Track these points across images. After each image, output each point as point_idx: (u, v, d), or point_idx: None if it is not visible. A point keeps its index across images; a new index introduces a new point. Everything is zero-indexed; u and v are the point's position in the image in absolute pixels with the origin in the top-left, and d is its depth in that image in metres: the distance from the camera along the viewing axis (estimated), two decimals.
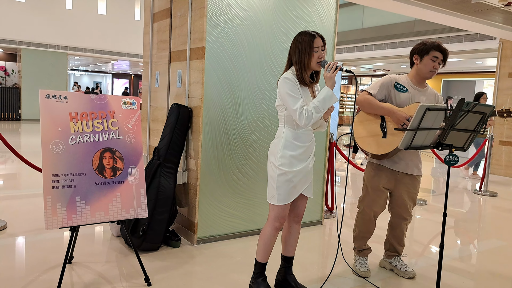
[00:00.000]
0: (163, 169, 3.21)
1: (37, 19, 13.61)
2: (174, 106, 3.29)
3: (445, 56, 2.66)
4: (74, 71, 27.82)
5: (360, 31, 11.85)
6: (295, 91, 2.23)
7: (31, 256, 2.93)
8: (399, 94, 2.69)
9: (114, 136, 2.53)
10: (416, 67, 2.72)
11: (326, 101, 2.21)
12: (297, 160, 2.30)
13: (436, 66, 2.65)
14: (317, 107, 2.20)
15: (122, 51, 15.30)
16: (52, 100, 2.36)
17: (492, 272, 3.09)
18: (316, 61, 2.27)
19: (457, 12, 5.95)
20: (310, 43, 2.24)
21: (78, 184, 2.38)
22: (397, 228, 2.88)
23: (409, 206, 2.82)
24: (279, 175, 2.29)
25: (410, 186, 2.79)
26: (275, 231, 2.37)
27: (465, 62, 12.72)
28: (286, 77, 2.26)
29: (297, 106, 2.19)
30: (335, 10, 3.80)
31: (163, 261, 2.93)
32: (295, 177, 2.30)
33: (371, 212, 2.82)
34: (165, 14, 3.70)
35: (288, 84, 2.24)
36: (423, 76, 2.70)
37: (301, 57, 2.26)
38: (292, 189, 2.32)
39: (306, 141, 2.33)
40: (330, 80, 2.25)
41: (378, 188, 2.78)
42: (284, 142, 2.30)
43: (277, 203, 2.31)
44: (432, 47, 2.64)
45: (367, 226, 2.87)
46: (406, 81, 2.74)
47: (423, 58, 2.67)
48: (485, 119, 2.25)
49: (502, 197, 5.92)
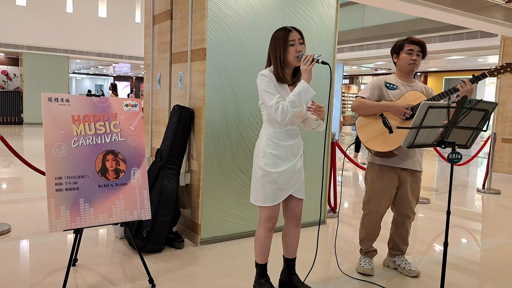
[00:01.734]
0: (166, 170, 3.22)
1: (38, 23, 13.66)
2: (175, 108, 3.30)
3: (421, 47, 2.73)
4: (75, 74, 27.89)
5: (360, 30, 11.83)
6: (270, 87, 2.20)
7: (35, 259, 2.94)
8: (391, 92, 2.76)
9: (116, 138, 2.54)
10: (397, 65, 2.81)
11: (302, 95, 2.15)
12: (280, 160, 2.25)
13: (414, 57, 2.71)
14: (292, 101, 2.15)
15: (123, 54, 15.33)
16: (54, 103, 2.37)
17: (497, 270, 3.07)
18: (294, 55, 2.21)
19: (458, 9, 5.94)
20: (285, 37, 2.21)
21: (81, 187, 2.39)
22: (402, 226, 2.88)
23: (412, 203, 2.82)
24: (262, 176, 2.25)
25: (413, 183, 2.80)
26: (268, 232, 2.35)
27: (466, 60, 12.69)
28: (261, 73, 2.23)
29: (273, 102, 2.16)
30: (335, 10, 3.80)
31: (166, 262, 2.94)
32: (279, 178, 2.25)
33: (377, 213, 2.81)
34: (166, 16, 3.71)
35: (263, 80, 2.21)
36: (405, 71, 2.76)
37: (276, 52, 2.23)
38: (277, 191, 2.26)
39: (288, 140, 2.28)
40: (305, 72, 2.17)
41: (383, 189, 2.77)
42: (266, 140, 2.27)
43: (263, 205, 2.28)
44: (406, 42, 2.76)
45: (374, 228, 2.86)
46: (394, 80, 2.80)
47: (399, 55, 2.77)
48: (488, 116, 2.24)
49: (505, 194, 5.90)
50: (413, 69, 2.73)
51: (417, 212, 4.74)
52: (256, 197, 2.31)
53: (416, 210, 4.76)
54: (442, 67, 15.72)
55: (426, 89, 2.83)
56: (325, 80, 3.80)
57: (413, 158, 2.77)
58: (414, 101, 2.65)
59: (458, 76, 16.42)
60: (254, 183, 2.32)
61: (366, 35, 11.65)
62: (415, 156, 2.78)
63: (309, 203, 3.85)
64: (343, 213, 4.54)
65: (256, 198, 2.31)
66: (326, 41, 3.77)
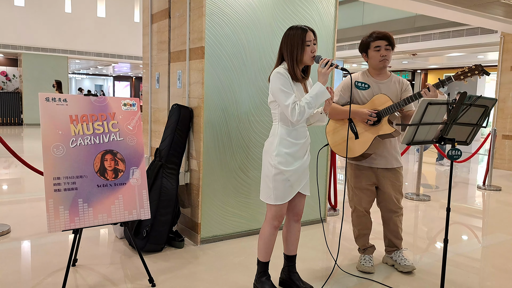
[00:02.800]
0: (165, 170, 3.21)
1: (36, 23, 13.64)
2: (174, 107, 3.29)
3: (388, 40, 2.66)
4: (75, 74, 27.89)
5: (360, 28, 11.81)
6: (287, 86, 2.20)
7: (35, 259, 2.93)
8: (362, 92, 2.74)
9: (115, 138, 2.53)
10: (368, 63, 2.77)
11: (319, 97, 2.19)
12: (293, 158, 2.28)
13: (383, 53, 2.67)
14: (309, 103, 2.17)
15: (122, 54, 15.32)
16: (52, 103, 2.36)
17: (497, 267, 3.07)
18: (310, 55, 2.24)
19: (457, 6, 5.92)
20: (302, 37, 2.22)
21: (80, 187, 2.38)
22: (390, 222, 2.89)
23: (395, 198, 2.83)
24: (275, 175, 2.26)
25: (393, 179, 2.81)
26: (274, 229, 2.36)
27: (466, 57, 12.66)
28: (278, 72, 2.22)
29: (290, 102, 2.16)
30: (334, 7, 3.79)
31: (167, 261, 2.93)
32: (292, 176, 2.28)
33: (362, 208, 2.86)
34: (164, 14, 3.70)
35: (280, 79, 2.20)
36: (377, 68, 2.73)
37: (293, 51, 2.23)
38: (289, 188, 2.29)
39: (301, 138, 2.30)
40: (324, 76, 2.21)
41: (362, 187, 2.82)
42: (279, 140, 2.27)
43: (274, 203, 2.29)
44: (370, 39, 2.70)
45: (363, 223, 2.89)
46: (365, 78, 2.77)
47: (368, 53, 2.73)
48: (488, 112, 2.23)
49: (506, 191, 5.89)
50: (385, 64, 2.70)
51: (418, 209, 4.73)
52: (268, 196, 2.31)
53: (417, 207, 4.77)
54: (443, 64, 15.69)
55: (401, 83, 2.80)
56: None
57: (387, 157, 2.78)
58: (381, 106, 2.64)
59: None
60: (266, 181, 2.31)
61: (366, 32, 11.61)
62: (389, 155, 2.78)
63: (309, 201, 3.84)
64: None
65: (268, 197, 2.31)
66: (326, 39, 3.76)
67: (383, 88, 2.73)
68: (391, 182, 2.80)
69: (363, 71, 2.82)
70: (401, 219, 2.91)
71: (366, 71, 2.81)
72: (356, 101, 2.76)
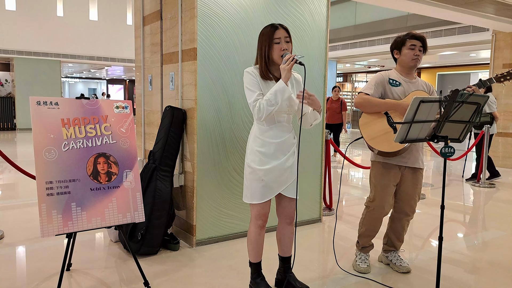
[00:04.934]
0: (159, 172, 3.19)
1: (28, 28, 13.54)
2: (167, 109, 3.27)
3: (423, 42, 2.69)
4: (68, 78, 27.74)
5: (353, 28, 11.85)
6: (252, 84, 2.20)
7: (29, 265, 2.90)
8: (394, 89, 2.71)
9: (107, 141, 2.51)
10: (399, 61, 2.76)
11: (278, 94, 2.12)
12: (267, 158, 2.24)
13: (417, 53, 2.68)
14: (269, 100, 2.14)
15: (115, 57, 15.25)
16: (43, 106, 2.34)
17: (492, 263, 3.08)
18: (279, 53, 2.20)
19: (449, 4, 5.96)
20: (270, 34, 2.20)
21: (73, 191, 2.36)
22: (398, 222, 2.86)
23: (413, 201, 2.79)
24: (250, 173, 2.26)
25: (415, 180, 2.77)
26: (259, 229, 2.34)
27: (459, 55, 12.74)
28: (246, 70, 2.25)
29: (252, 99, 2.18)
30: (326, 7, 3.79)
31: (162, 264, 2.91)
32: (266, 176, 2.23)
33: (383, 211, 2.78)
34: (156, 16, 3.68)
35: (246, 77, 2.23)
36: (407, 67, 2.72)
37: (262, 49, 2.23)
38: (265, 188, 2.25)
39: (276, 138, 2.25)
40: (283, 71, 2.15)
41: (388, 186, 2.74)
42: (253, 137, 2.29)
43: (250, 202, 2.29)
44: (407, 37, 2.70)
45: (375, 225, 2.84)
46: (397, 76, 2.76)
47: (401, 50, 2.72)
48: (480, 109, 2.24)
49: (500, 188, 5.92)
50: (416, 64, 2.69)
51: None
52: (245, 194, 2.33)
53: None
54: (435, 63, 15.78)
55: (427, 86, 2.80)
56: (318, 77, 3.79)
57: (416, 156, 2.74)
58: None
59: (451, 71, 16.49)
60: (244, 180, 2.35)
61: (359, 32, 11.67)
62: (417, 154, 2.75)
63: (305, 201, 3.83)
64: (339, 210, 4.53)
65: (245, 195, 2.33)
66: (318, 39, 3.76)
67: (412, 88, 2.72)
68: (413, 184, 2.75)
69: (393, 70, 2.80)
70: (409, 223, 2.89)
71: (395, 70, 2.79)
72: (388, 97, 2.72)
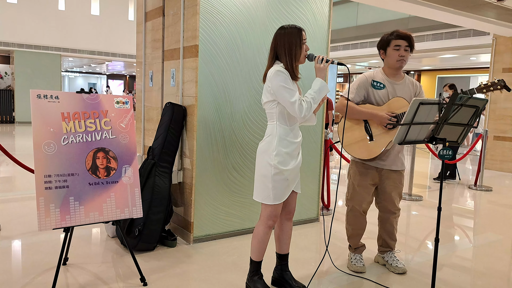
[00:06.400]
0: (158, 168, 3.19)
1: (29, 20, 13.51)
2: (168, 105, 3.27)
3: (409, 41, 2.65)
4: (68, 72, 27.69)
5: (354, 29, 11.85)
6: (289, 83, 2.19)
7: (26, 258, 2.91)
8: (377, 92, 2.71)
9: (107, 136, 2.51)
10: (385, 61, 2.75)
11: (321, 92, 2.26)
12: (290, 158, 2.30)
13: (402, 53, 2.64)
14: (314, 98, 2.22)
15: (116, 52, 15.23)
16: (43, 100, 2.34)
17: (488, 267, 3.09)
18: (304, 54, 2.28)
19: (450, 7, 5.96)
20: (300, 35, 2.24)
21: (71, 185, 2.36)
22: (387, 222, 2.90)
23: (395, 200, 2.84)
24: (275, 174, 2.25)
25: (396, 181, 2.81)
26: (268, 229, 2.36)
27: (459, 59, 12.77)
28: (278, 70, 2.20)
29: (295, 98, 2.17)
30: (328, 7, 3.80)
31: (159, 261, 2.92)
32: (290, 175, 2.31)
33: (361, 209, 2.85)
34: (158, 12, 3.68)
35: (281, 76, 2.18)
36: (393, 67, 2.71)
37: (291, 50, 2.23)
38: (287, 188, 2.32)
39: (297, 137, 2.34)
40: (322, 71, 2.28)
41: (365, 186, 2.80)
42: (278, 139, 2.27)
43: (273, 203, 2.29)
44: (392, 37, 2.66)
45: (359, 223, 2.89)
46: (382, 77, 2.74)
47: (386, 51, 2.70)
48: (479, 113, 2.25)
49: (497, 191, 5.94)
50: (402, 65, 2.68)
51: (410, 209, 4.76)
52: (266, 196, 2.28)
53: (409, 208, 4.80)
54: (436, 66, 15.81)
55: (414, 86, 2.79)
56: None
57: (394, 159, 2.77)
58: (399, 109, 2.62)
59: (452, 74, 16.51)
60: (264, 182, 2.28)
61: (360, 33, 11.68)
62: (396, 157, 2.78)
63: (303, 200, 3.84)
64: (336, 210, 4.54)
65: (266, 197, 2.28)
66: (320, 38, 3.77)
67: (398, 90, 2.71)
68: (394, 184, 2.79)
69: (379, 69, 2.80)
70: (397, 220, 2.92)
71: (381, 70, 2.78)
72: (371, 100, 2.72)
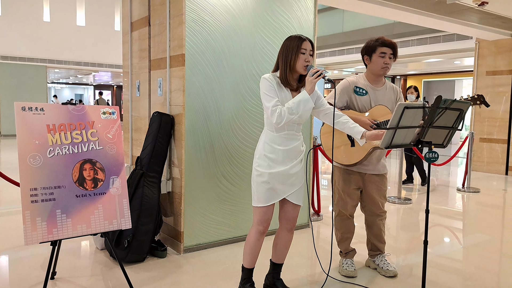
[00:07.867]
0: (147, 178, 3.17)
1: (14, 32, 13.35)
2: (155, 115, 3.26)
3: (393, 49, 2.67)
4: (54, 84, 27.42)
5: (340, 35, 11.98)
6: (269, 90, 2.26)
7: (12, 274, 2.85)
8: (359, 98, 2.73)
9: (94, 147, 2.49)
10: (369, 67, 2.76)
11: (301, 104, 2.22)
12: (274, 163, 2.30)
13: (387, 61, 2.67)
14: (290, 108, 2.21)
15: (103, 62, 15.13)
16: (28, 112, 2.31)
17: (478, 267, 3.12)
18: (303, 63, 2.27)
19: (433, 13, 6.08)
20: (298, 44, 2.27)
21: (58, 197, 2.33)
22: (373, 225, 2.92)
23: (380, 203, 2.87)
24: (256, 176, 2.32)
25: (379, 184, 2.84)
26: (259, 235, 2.35)
27: (444, 63, 12.98)
28: (263, 77, 2.30)
29: (271, 104, 2.22)
30: (313, 14, 3.84)
31: (149, 272, 2.88)
32: (272, 179, 2.29)
33: (347, 213, 2.88)
34: (144, 22, 3.68)
35: (263, 83, 2.28)
36: (377, 74, 2.73)
37: (287, 57, 2.28)
38: (270, 191, 2.30)
39: (284, 145, 2.31)
40: (310, 84, 2.25)
41: (349, 190, 2.83)
42: (263, 144, 2.34)
43: (256, 205, 2.33)
44: (378, 44, 2.67)
45: (347, 227, 2.92)
46: (364, 83, 2.77)
47: (371, 57, 2.71)
48: (463, 115, 2.28)
49: (484, 192, 6.02)
50: (385, 72, 2.71)
51: (400, 212, 4.79)
52: (253, 198, 2.37)
53: (398, 211, 4.83)
54: (421, 70, 16.04)
55: (395, 92, 2.83)
56: None
57: (376, 164, 2.80)
58: (380, 117, 2.65)
59: (437, 78, 16.77)
60: (252, 184, 2.38)
61: (346, 39, 11.81)
62: (378, 162, 2.81)
63: None
64: (327, 216, 4.55)
65: (253, 199, 2.37)
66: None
67: (379, 95, 2.74)
68: (377, 187, 2.82)
69: (362, 75, 2.81)
70: (384, 223, 2.94)
71: (364, 76, 2.80)
72: (353, 107, 2.74)
